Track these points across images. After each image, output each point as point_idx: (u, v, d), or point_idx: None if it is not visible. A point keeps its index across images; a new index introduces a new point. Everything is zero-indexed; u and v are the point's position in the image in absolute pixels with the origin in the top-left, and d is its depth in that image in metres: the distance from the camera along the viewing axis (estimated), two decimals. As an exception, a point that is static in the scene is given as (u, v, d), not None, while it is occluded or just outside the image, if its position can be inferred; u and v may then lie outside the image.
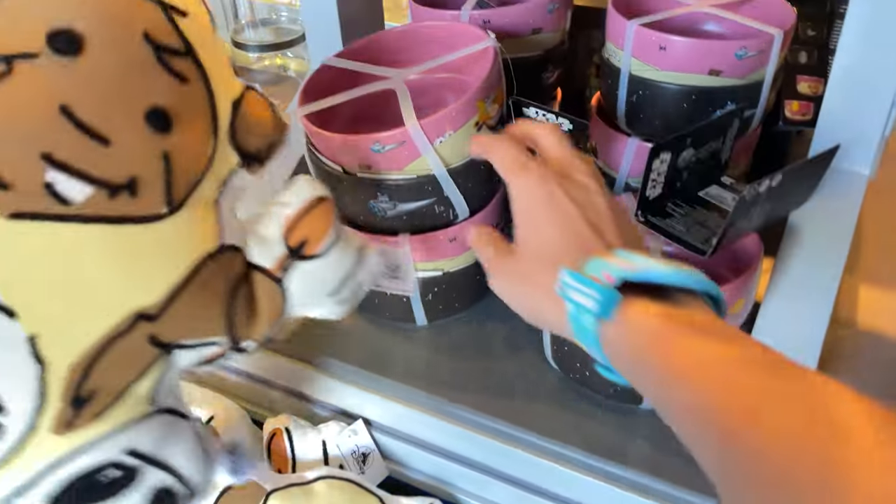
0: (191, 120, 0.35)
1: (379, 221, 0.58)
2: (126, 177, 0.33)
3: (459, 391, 0.60)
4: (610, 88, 0.70)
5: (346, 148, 0.55)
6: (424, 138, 0.53)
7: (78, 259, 0.33)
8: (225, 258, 0.38)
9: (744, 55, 0.61)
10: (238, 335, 0.39)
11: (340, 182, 0.57)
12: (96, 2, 0.32)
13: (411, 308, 0.63)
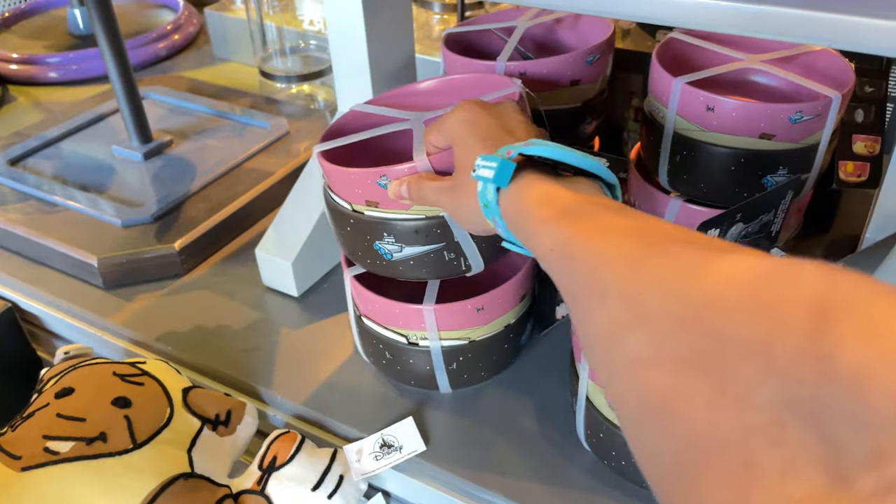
0: (146, 399, 0.56)
1: (387, 266, 0.56)
2: (98, 432, 0.52)
3: (485, 471, 0.56)
4: (651, 145, 0.66)
5: (353, 181, 0.52)
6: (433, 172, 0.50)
7: (69, 485, 0.50)
8: (198, 481, 0.53)
9: (799, 119, 0.57)
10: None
11: (348, 220, 0.55)
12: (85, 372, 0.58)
13: (434, 376, 0.60)
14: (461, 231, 0.53)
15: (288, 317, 0.71)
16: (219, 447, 0.58)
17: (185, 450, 0.55)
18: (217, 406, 0.59)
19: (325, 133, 0.58)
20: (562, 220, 0.37)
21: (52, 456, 0.50)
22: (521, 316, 0.61)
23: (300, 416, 0.63)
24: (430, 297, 0.58)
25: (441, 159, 0.50)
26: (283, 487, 0.54)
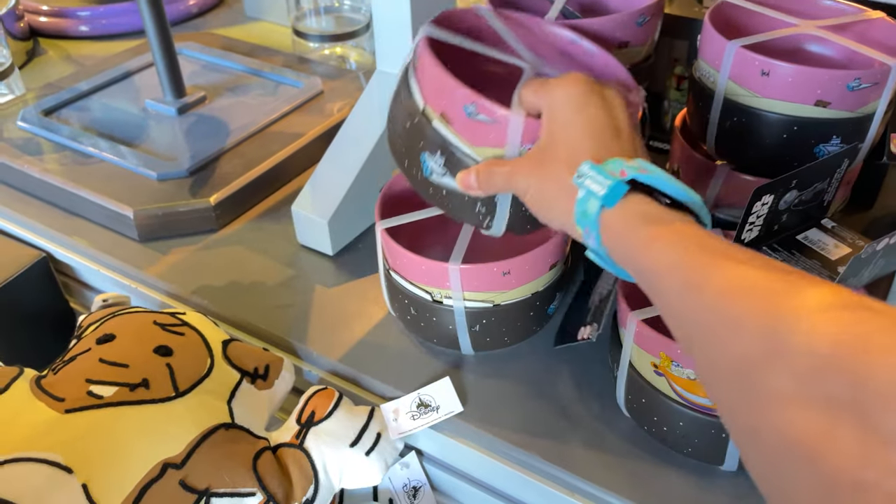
0: (187, 349, 0.56)
1: (420, 181, 0.54)
2: (141, 378, 0.53)
3: (522, 432, 0.56)
4: (700, 111, 0.64)
5: (444, 89, 0.49)
6: (519, 135, 0.48)
7: (112, 429, 0.50)
8: (238, 432, 0.53)
9: (856, 86, 0.56)
10: (276, 493, 0.52)
11: (413, 117, 0.52)
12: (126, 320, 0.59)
13: (457, 336, 0.60)
14: (506, 195, 0.51)
15: (322, 275, 0.71)
16: (257, 400, 0.58)
17: (226, 401, 0.55)
18: (256, 360, 0.59)
19: (440, 18, 0.54)
20: (678, 246, 0.37)
21: (96, 400, 0.50)
22: (549, 285, 0.60)
23: (335, 373, 0.63)
24: (458, 256, 0.57)
25: (532, 127, 0.47)
26: (321, 442, 0.55)
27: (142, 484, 0.48)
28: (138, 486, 0.48)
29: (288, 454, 0.54)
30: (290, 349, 0.65)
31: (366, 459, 0.55)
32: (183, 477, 0.49)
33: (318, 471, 0.54)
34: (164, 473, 0.49)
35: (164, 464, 0.49)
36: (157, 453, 0.50)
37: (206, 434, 0.51)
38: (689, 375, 0.48)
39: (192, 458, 0.50)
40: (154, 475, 0.49)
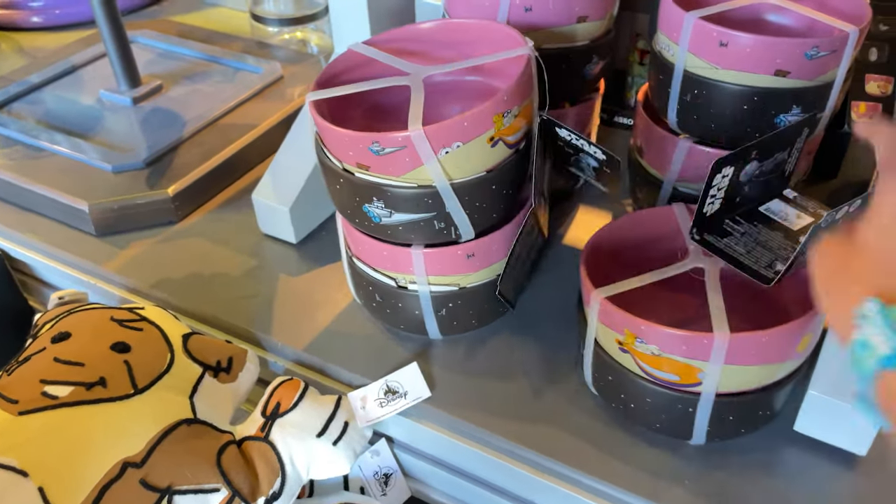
0: (146, 345, 0.55)
1: (376, 228, 0.54)
2: (98, 377, 0.51)
3: (491, 415, 0.56)
4: (661, 84, 0.64)
5: (344, 143, 0.50)
6: (428, 146, 0.48)
7: (68, 430, 0.48)
8: (201, 427, 0.52)
9: (815, 55, 0.55)
10: (241, 488, 0.51)
11: (338, 179, 0.53)
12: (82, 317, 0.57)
13: (424, 321, 0.59)
14: (453, 202, 0.51)
15: (286, 264, 0.70)
16: (221, 394, 0.57)
17: (187, 396, 0.54)
18: (218, 353, 0.58)
19: (320, 78, 0.56)
20: None
21: (51, 400, 0.49)
22: (517, 265, 0.60)
23: (301, 363, 0.62)
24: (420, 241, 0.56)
25: (437, 133, 0.47)
26: (287, 434, 0.54)
27: (101, 485, 0.47)
28: (97, 488, 0.47)
29: (253, 447, 0.53)
30: (254, 340, 0.64)
31: (333, 449, 0.54)
32: (143, 476, 0.48)
33: (284, 463, 0.53)
34: (123, 473, 0.48)
35: (124, 463, 0.48)
36: (116, 453, 0.48)
37: (166, 431, 0.50)
38: (654, 351, 0.48)
39: (153, 456, 0.49)
40: (113, 475, 0.47)
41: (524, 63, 0.51)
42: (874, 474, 0.51)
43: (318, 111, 0.53)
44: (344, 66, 0.58)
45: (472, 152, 0.49)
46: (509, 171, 0.53)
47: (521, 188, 0.57)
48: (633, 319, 0.48)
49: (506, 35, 0.55)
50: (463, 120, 0.47)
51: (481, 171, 0.51)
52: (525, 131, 0.53)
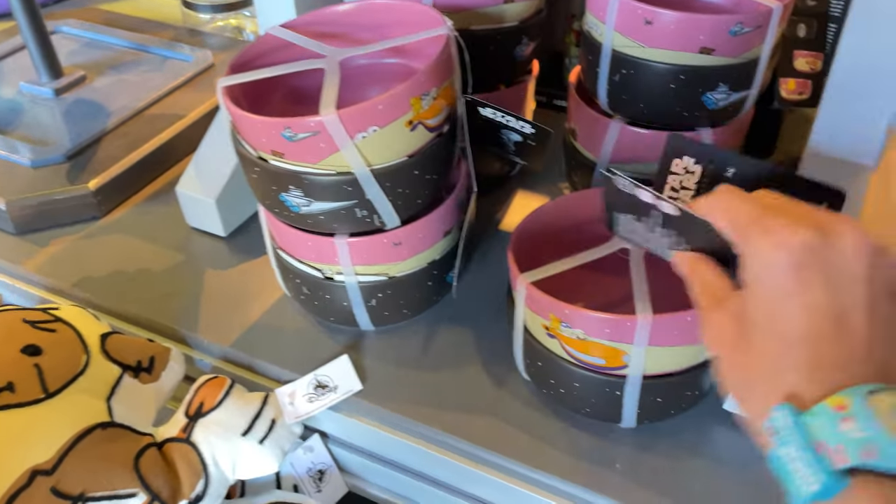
0: (59, 346, 0.52)
1: (296, 218, 0.52)
2: (5, 382, 0.48)
3: (423, 406, 0.54)
4: (590, 65, 0.63)
5: (256, 129, 0.48)
6: (343, 131, 0.46)
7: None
8: (117, 431, 0.50)
9: (739, 31, 0.55)
10: (160, 491, 0.48)
11: (253, 168, 0.51)
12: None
13: (353, 313, 0.57)
14: (374, 188, 0.50)
15: (215, 258, 0.68)
16: (142, 395, 0.55)
17: (104, 398, 0.51)
18: (139, 352, 0.56)
19: (234, 63, 0.54)
20: None
21: (-47, 409, 0.46)
22: (446, 252, 0.58)
23: (229, 360, 0.60)
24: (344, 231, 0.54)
25: (351, 117, 0.45)
26: (210, 434, 0.52)
27: (7, 494, 0.45)
28: (3, 497, 0.45)
29: (174, 449, 0.51)
30: (179, 338, 0.61)
31: (260, 448, 0.53)
32: (54, 483, 0.46)
33: (207, 464, 0.51)
34: (32, 481, 0.46)
35: (33, 471, 0.46)
36: (25, 460, 0.46)
37: (80, 436, 0.48)
38: (579, 336, 0.47)
39: (64, 463, 0.47)
40: (21, 484, 0.45)
41: (443, 44, 0.49)
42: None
43: (231, 97, 0.51)
44: (260, 50, 0.55)
45: (391, 137, 0.48)
46: (432, 156, 0.52)
47: (447, 173, 0.55)
48: (557, 304, 0.47)
49: (426, 15, 0.54)
50: (378, 103, 0.46)
51: (402, 156, 0.50)
52: (447, 114, 0.52)
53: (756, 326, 0.33)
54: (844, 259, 0.31)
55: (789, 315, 0.31)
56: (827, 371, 0.30)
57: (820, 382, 0.30)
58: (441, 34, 0.51)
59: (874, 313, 0.31)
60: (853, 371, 0.30)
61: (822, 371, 0.30)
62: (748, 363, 0.33)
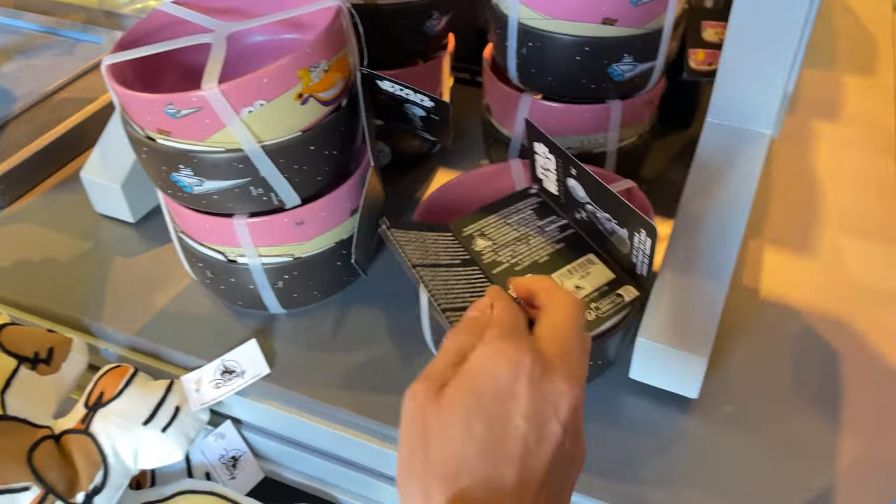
0: None
1: (190, 199, 0.51)
2: None
3: (334, 388, 0.54)
4: (500, 39, 0.62)
5: (139, 107, 0.47)
6: (227, 106, 0.45)
7: None
8: (10, 424, 0.48)
9: (639, 1, 0.55)
10: (55, 484, 0.47)
11: (141, 148, 0.50)
12: None
13: (261, 296, 0.56)
14: (267, 165, 0.48)
15: (123, 245, 0.66)
16: (40, 387, 0.53)
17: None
18: (36, 343, 0.54)
19: (122, 41, 0.52)
20: None
21: None
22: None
23: (135, 348, 0.58)
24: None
25: (234, 90, 0.44)
26: (109, 424, 0.50)
27: None
28: None
29: (72, 441, 0.50)
30: (83, 328, 0.60)
31: (162, 436, 0.51)
32: None
33: (106, 455, 0.50)
34: None
35: None
36: None
37: None
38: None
39: None
40: None
41: (332, 15, 0.48)
42: (706, 415, 0.52)
43: (120, 77, 0.49)
44: (150, 27, 0.54)
45: (280, 111, 0.47)
46: (329, 131, 0.50)
47: (349, 148, 0.54)
48: (455, 279, 0.46)
49: None
50: (262, 76, 0.45)
51: (295, 131, 0.48)
52: (342, 87, 0.51)
53: (451, 406, 0.32)
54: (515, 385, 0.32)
55: (457, 423, 0.32)
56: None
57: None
58: (331, 6, 0.49)
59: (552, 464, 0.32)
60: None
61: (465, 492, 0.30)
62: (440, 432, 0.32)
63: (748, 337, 0.57)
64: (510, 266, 0.46)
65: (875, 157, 0.74)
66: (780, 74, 0.50)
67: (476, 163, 0.75)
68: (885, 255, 0.63)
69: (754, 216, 0.66)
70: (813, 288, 0.61)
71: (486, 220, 0.48)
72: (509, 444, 0.31)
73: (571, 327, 0.35)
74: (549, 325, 0.35)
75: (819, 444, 0.50)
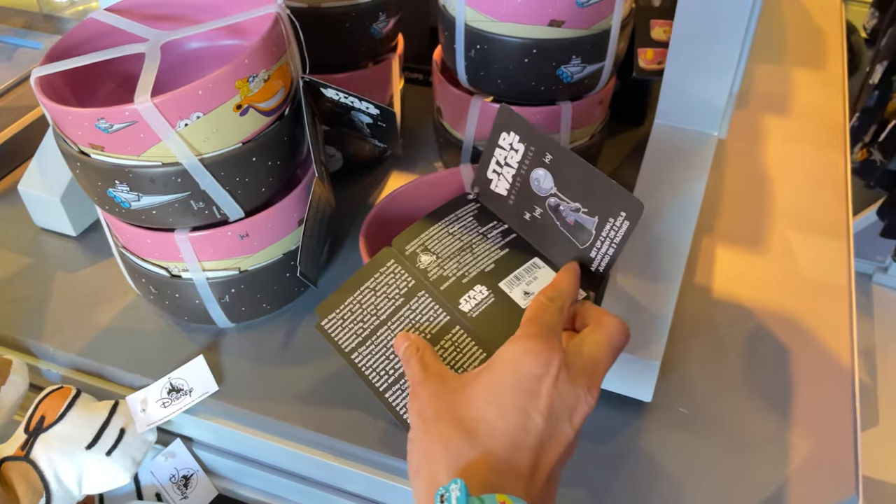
0: None
1: (128, 214, 0.49)
2: None
3: (283, 403, 0.53)
4: (448, 41, 0.61)
5: (70, 122, 0.45)
6: (162, 119, 0.43)
7: None
8: None
9: (586, 3, 0.54)
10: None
11: (75, 163, 0.48)
12: None
13: (207, 310, 0.55)
14: (207, 179, 0.47)
15: (65, 260, 0.63)
16: None
17: None
18: None
19: (52, 51, 0.50)
20: None
21: None
22: (301, 242, 0.56)
23: (78, 368, 0.56)
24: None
25: (168, 104, 0.43)
26: (50, 449, 0.49)
27: None
28: None
29: (12, 468, 0.48)
30: (22, 348, 0.57)
31: (107, 460, 0.50)
32: None
33: (48, 481, 0.48)
34: None
35: None
36: None
37: None
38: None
39: None
40: None
41: (270, 23, 0.47)
42: (661, 417, 0.52)
43: (51, 89, 0.47)
44: (83, 36, 0.52)
45: (219, 123, 0.45)
46: (271, 142, 0.49)
47: (293, 158, 0.53)
48: (402, 291, 0.45)
49: None
50: (198, 88, 0.43)
51: (235, 142, 0.47)
52: (283, 96, 0.49)
53: (464, 392, 0.37)
54: (574, 395, 0.37)
55: (503, 417, 0.36)
56: (504, 473, 0.34)
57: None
58: (270, 13, 0.48)
59: (560, 463, 0.37)
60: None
61: (507, 477, 0.34)
62: (439, 426, 0.37)
63: (701, 336, 0.57)
64: (457, 279, 0.45)
65: (825, 153, 0.75)
66: (724, 78, 0.50)
67: (430, 164, 0.74)
68: (834, 250, 0.64)
69: (706, 213, 0.66)
70: (764, 284, 0.61)
71: (428, 233, 0.47)
72: (528, 434, 0.35)
73: (610, 348, 0.39)
74: (590, 339, 0.39)
75: (772, 442, 0.50)
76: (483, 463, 0.34)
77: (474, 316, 0.44)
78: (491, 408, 0.35)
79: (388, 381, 0.44)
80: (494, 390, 0.36)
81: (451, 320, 0.44)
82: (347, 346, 0.44)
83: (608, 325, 0.40)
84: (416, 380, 0.39)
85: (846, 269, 0.62)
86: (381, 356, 0.44)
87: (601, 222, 0.44)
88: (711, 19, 0.49)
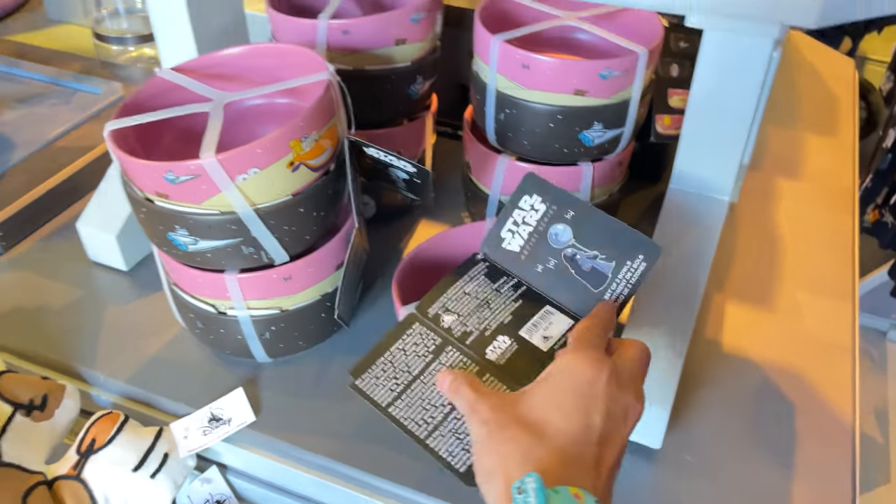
0: None
1: (184, 256, 0.54)
2: None
3: (318, 436, 0.56)
4: (479, 104, 0.66)
5: (140, 172, 0.50)
6: (223, 174, 0.48)
7: None
8: (4, 470, 0.50)
9: (608, 75, 0.59)
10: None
11: (140, 208, 0.53)
12: None
13: (248, 345, 0.59)
14: (259, 227, 0.52)
15: (116, 293, 0.68)
16: (34, 433, 0.55)
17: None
18: (32, 390, 0.56)
19: (124, 106, 0.55)
20: None
21: None
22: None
23: (126, 396, 0.61)
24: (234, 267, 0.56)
25: (230, 161, 0.48)
26: (101, 470, 0.53)
27: None
28: None
29: (65, 487, 0.52)
30: (76, 375, 0.62)
31: (151, 482, 0.54)
32: None
33: (97, 500, 0.52)
34: None
35: None
36: None
37: None
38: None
39: None
40: None
41: (323, 89, 0.52)
42: (669, 464, 0.55)
43: (120, 139, 0.52)
44: (151, 93, 0.57)
45: (273, 177, 0.50)
46: (317, 194, 0.54)
47: (335, 208, 0.58)
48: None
49: (310, 59, 0.56)
50: (257, 147, 0.48)
51: (286, 195, 0.52)
52: (330, 154, 0.54)
53: (528, 403, 0.40)
54: (626, 403, 0.41)
55: (565, 420, 0.39)
56: (574, 477, 0.37)
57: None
58: (322, 79, 0.53)
59: (617, 461, 0.40)
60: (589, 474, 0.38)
61: (572, 475, 0.37)
62: (508, 433, 0.39)
63: (709, 388, 0.60)
64: (480, 333, 0.49)
65: (834, 215, 0.79)
66: (735, 150, 0.55)
67: (457, 213, 0.79)
68: (840, 310, 0.67)
69: (718, 271, 0.70)
70: (771, 341, 0.64)
71: (447, 295, 0.51)
72: (591, 432, 0.38)
73: (642, 363, 0.43)
74: (625, 357, 0.43)
75: (774, 494, 0.53)
76: (554, 459, 0.37)
77: (502, 363, 0.48)
78: (554, 411, 0.39)
79: (427, 429, 0.46)
80: (554, 396, 0.40)
81: (480, 370, 0.48)
82: (384, 401, 0.47)
83: (636, 346, 0.44)
84: (470, 400, 0.41)
85: (851, 329, 0.65)
86: (419, 407, 0.47)
87: (618, 266, 0.48)
88: (724, 96, 0.53)
